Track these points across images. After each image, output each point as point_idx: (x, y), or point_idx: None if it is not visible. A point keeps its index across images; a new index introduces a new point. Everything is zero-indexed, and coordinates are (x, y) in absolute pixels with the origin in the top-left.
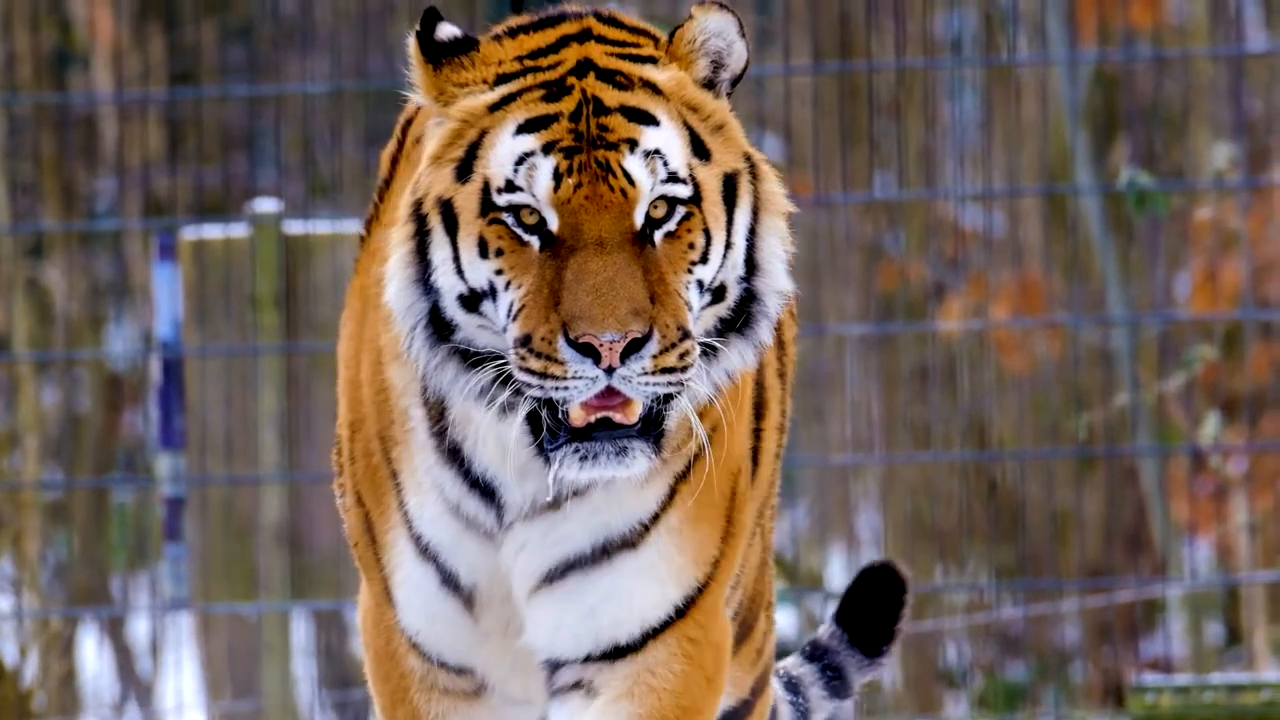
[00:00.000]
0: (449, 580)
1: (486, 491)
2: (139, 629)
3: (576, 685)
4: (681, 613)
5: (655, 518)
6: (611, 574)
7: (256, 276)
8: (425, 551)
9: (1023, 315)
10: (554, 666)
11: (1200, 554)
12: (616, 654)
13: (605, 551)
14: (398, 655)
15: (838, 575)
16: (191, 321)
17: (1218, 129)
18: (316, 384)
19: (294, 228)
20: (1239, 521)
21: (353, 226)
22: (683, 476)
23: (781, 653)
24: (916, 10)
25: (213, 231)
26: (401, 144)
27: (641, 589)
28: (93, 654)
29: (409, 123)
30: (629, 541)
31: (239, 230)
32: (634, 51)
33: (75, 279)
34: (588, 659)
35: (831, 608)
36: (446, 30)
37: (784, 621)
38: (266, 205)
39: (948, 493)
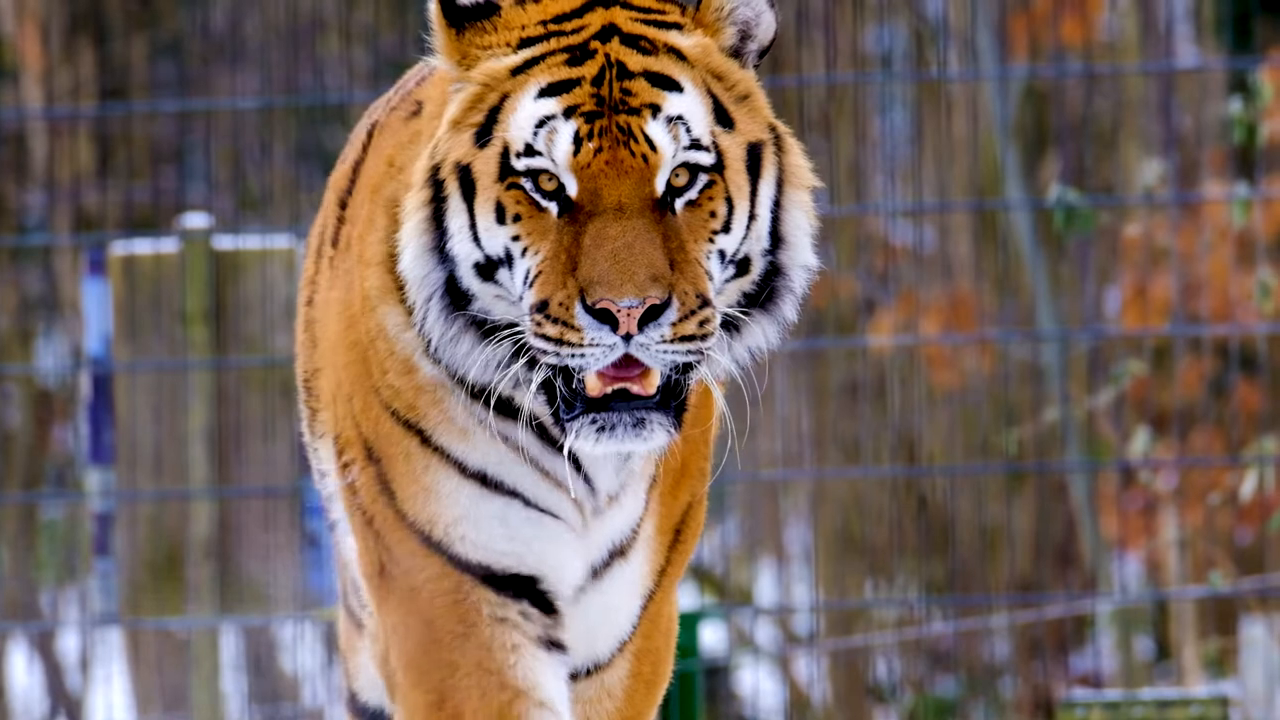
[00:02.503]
0: (539, 509)
1: (540, 430)
2: (69, 644)
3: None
4: (636, 625)
5: (640, 523)
6: (610, 583)
7: (186, 292)
8: (498, 486)
9: (953, 331)
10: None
11: (1130, 569)
12: (591, 672)
13: (609, 561)
14: (454, 598)
15: (767, 590)
16: (121, 337)
17: (1148, 145)
18: (246, 399)
19: (223, 243)
20: (1168, 537)
21: (282, 241)
22: (653, 483)
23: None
24: (847, 25)
25: (142, 247)
26: (366, 148)
27: (626, 603)
28: (22, 669)
29: (370, 133)
30: (622, 550)
31: (169, 245)
32: (659, 18)
33: (4, 294)
34: (573, 674)
35: (761, 623)
36: None
37: (714, 637)
38: (196, 220)
39: (877, 508)
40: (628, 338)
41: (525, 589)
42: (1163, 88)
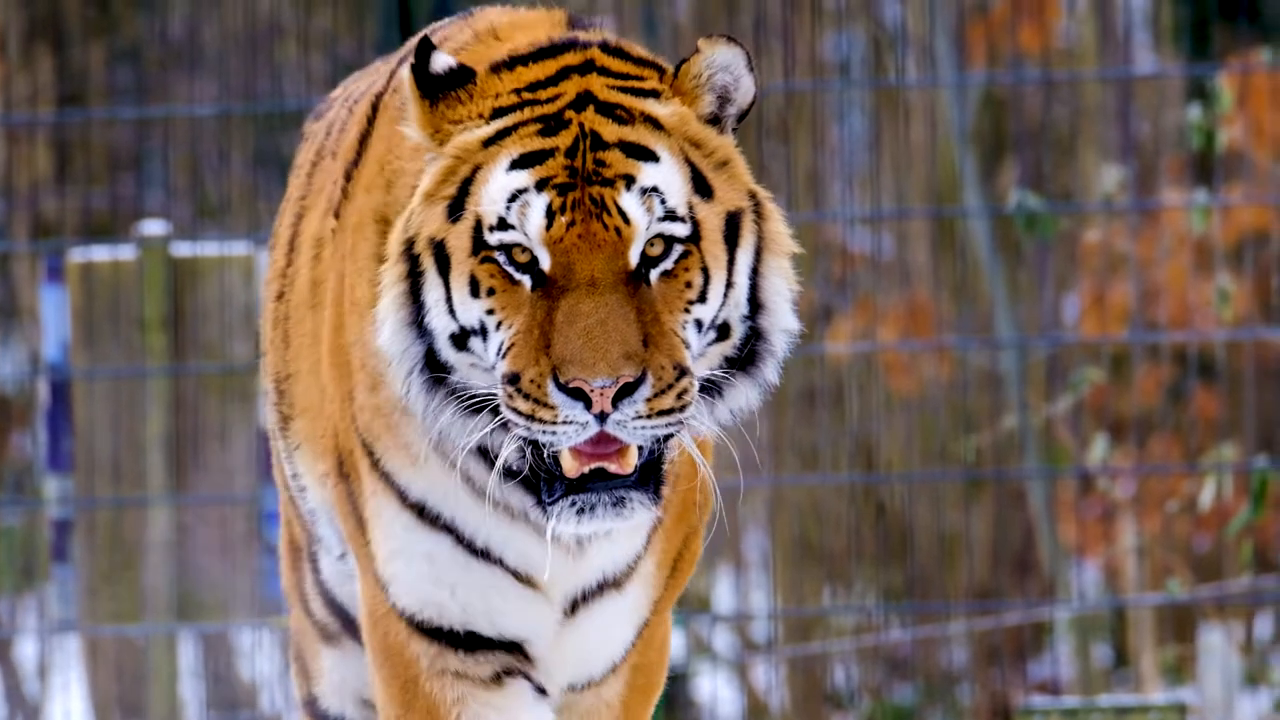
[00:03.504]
0: (471, 547)
1: (518, 482)
2: (26, 651)
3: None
4: (630, 648)
5: (638, 559)
6: (600, 612)
7: (144, 299)
8: (435, 521)
9: (911, 337)
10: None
11: (1088, 576)
12: (587, 686)
13: (600, 589)
14: (398, 646)
15: (725, 597)
16: (79, 344)
17: (1106, 151)
18: (204, 406)
19: (181, 250)
20: (1126, 544)
21: (240, 248)
22: (657, 522)
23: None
24: (805, 32)
25: (100, 254)
26: (372, 121)
27: (620, 632)
28: None
29: (375, 106)
30: (616, 582)
31: (126, 252)
32: (636, 85)
33: None
34: (570, 686)
35: (719, 630)
36: (441, 62)
37: (671, 643)
38: (154, 227)
39: (835, 515)
40: (603, 416)
41: (456, 638)
42: (1121, 94)
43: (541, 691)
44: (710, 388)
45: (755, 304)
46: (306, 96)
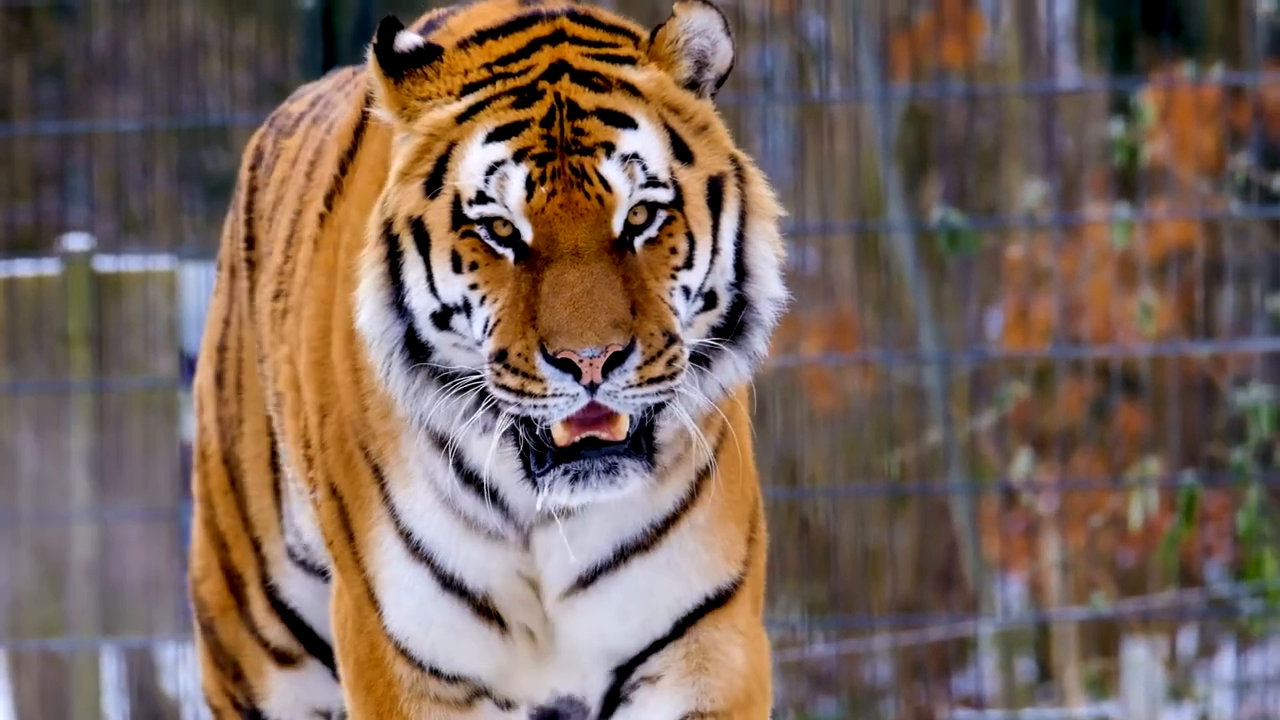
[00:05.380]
0: (450, 583)
1: (483, 490)
2: None
3: (646, 680)
4: (717, 602)
5: (675, 518)
6: (630, 574)
7: (67, 313)
8: (417, 550)
9: (834, 352)
10: (618, 670)
11: (1012, 591)
12: (660, 644)
13: (623, 555)
14: (383, 663)
15: None
16: (2, 358)
17: (1029, 166)
18: (128, 421)
19: (105, 264)
20: (1050, 558)
21: (164, 263)
22: (705, 473)
23: None
24: None
25: (24, 268)
26: (365, 117)
27: (662, 586)
28: None
29: (368, 98)
30: (642, 545)
31: (50, 267)
32: (611, 52)
33: None
34: (640, 656)
35: None
36: (407, 40)
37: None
38: (78, 242)
39: None
40: (593, 386)
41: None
42: (1044, 109)
43: (507, 705)
44: (698, 359)
45: (741, 270)
46: (230, 112)
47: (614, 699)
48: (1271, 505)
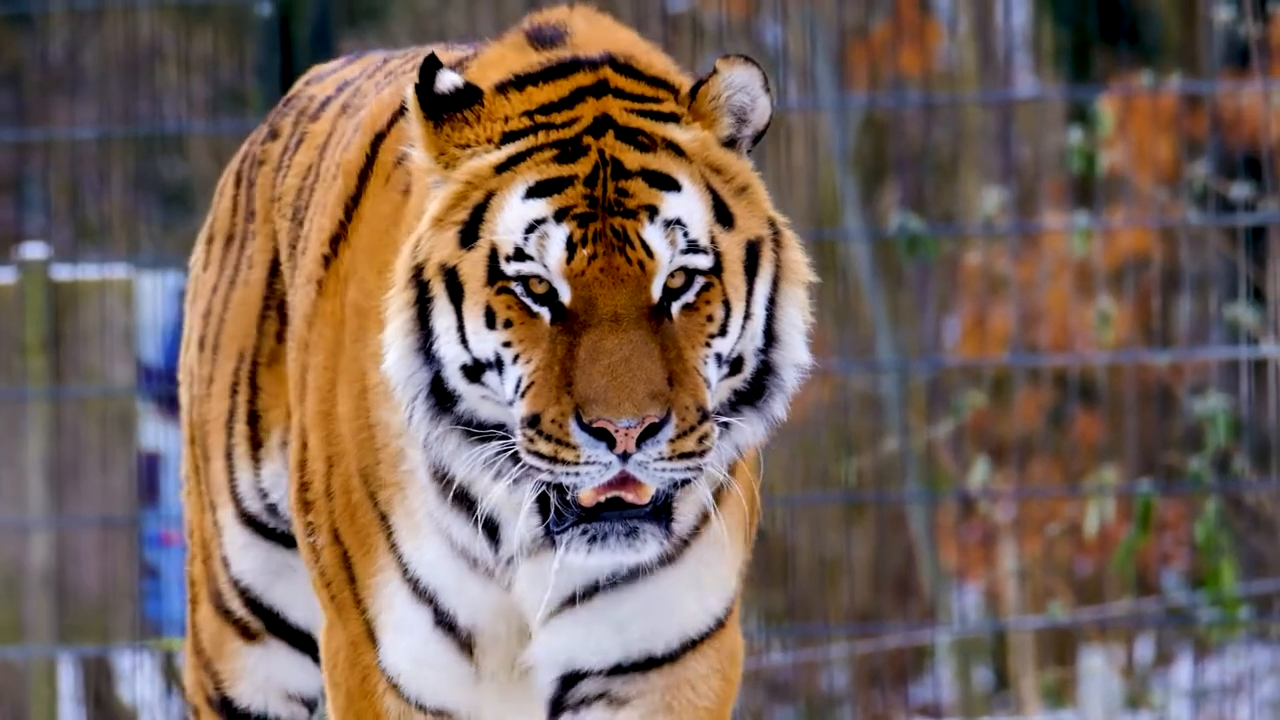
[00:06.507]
0: (444, 622)
1: (490, 529)
2: None
3: (600, 697)
4: (721, 624)
5: (696, 530)
6: (651, 586)
7: (24, 321)
8: (422, 594)
9: None
10: (571, 680)
11: (969, 599)
12: (650, 664)
13: (642, 569)
14: (374, 695)
15: None
16: None
17: (987, 174)
18: (84, 429)
19: (62, 273)
20: (1007, 567)
21: (120, 272)
22: (722, 485)
23: None
24: (684, 55)
25: None
26: (371, 159)
27: (682, 600)
28: None
29: (379, 137)
30: (669, 557)
31: (6, 276)
32: (655, 108)
33: None
34: (615, 670)
35: None
36: (447, 81)
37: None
38: (34, 251)
39: None
40: (625, 456)
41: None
42: (1002, 117)
43: None
44: (718, 421)
45: (770, 336)
46: (186, 119)
47: (557, 707)
48: (1228, 514)
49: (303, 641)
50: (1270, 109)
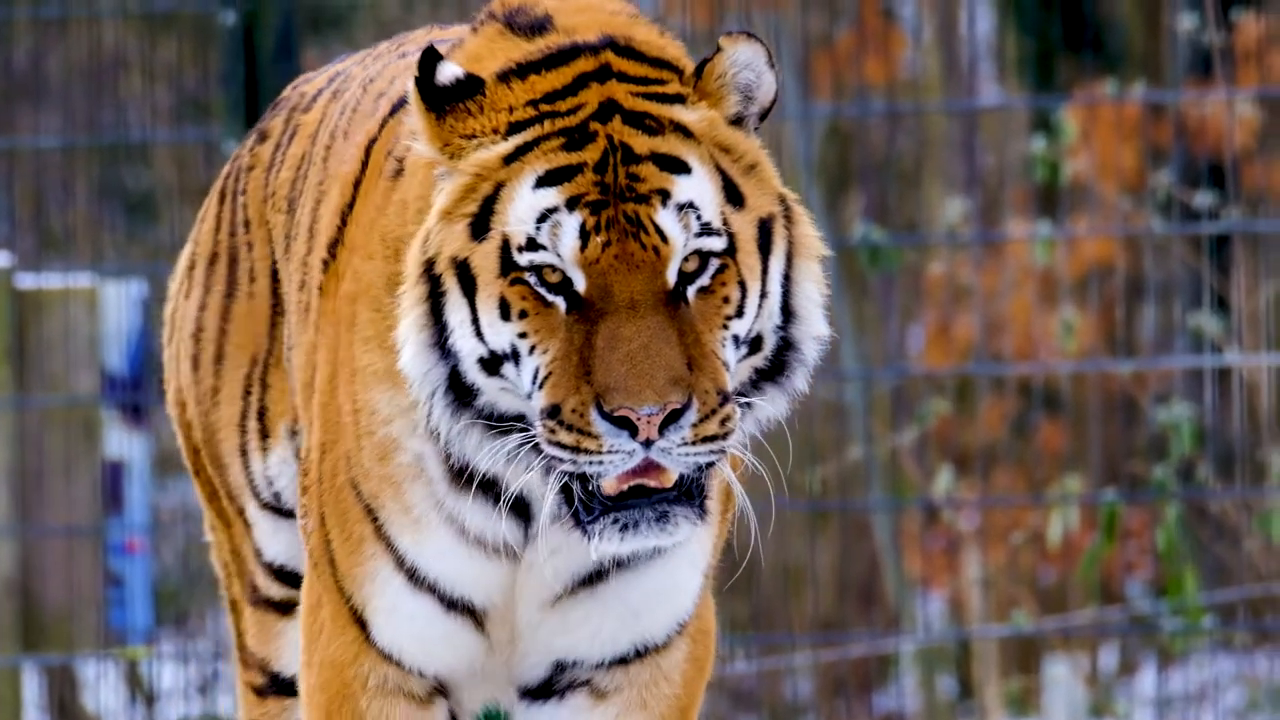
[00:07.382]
0: (454, 604)
1: (518, 510)
2: None
3: (584, 684)
4: (697, 602)
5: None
6: (667, 563)
7: None
8: (421, 583)
9: None
10: (562, 667)
11: (933, 608)
12: (640, 655)
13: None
14: (354, 663)
15: None
16: None
17: (950, 183)
18: (48, 438)
19: (25, 281)
20: (971, 575)
21: (85, 280)
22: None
23: None
24: None
25: None
26: (365, 166)
27: (687, 579)
28: None
29: (371, 143)
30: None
31: None
32: (660, 90)
33: None
34: (600, 663)
35: None
36: (448, 72)
37: None
38: None
39: None
40: (648, 443)
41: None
42: (966, 126)
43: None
44: (739, 402)
45: (787, 312)
46: (151, 128)
47: (545, 690)
48: (1192, 522)
49: None
50: (1234, 117)
